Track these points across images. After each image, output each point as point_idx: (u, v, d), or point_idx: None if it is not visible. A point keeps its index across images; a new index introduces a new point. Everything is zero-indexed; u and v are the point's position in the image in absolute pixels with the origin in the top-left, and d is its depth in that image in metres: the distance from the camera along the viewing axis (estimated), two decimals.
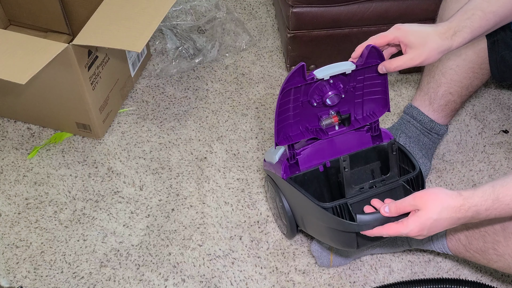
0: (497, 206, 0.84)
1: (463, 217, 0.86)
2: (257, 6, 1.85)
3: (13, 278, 1.21)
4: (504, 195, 0.84)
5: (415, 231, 0.88)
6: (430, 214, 0.87)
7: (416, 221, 0.88)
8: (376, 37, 1.00)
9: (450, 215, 0.86)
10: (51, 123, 1.48)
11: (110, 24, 1.25)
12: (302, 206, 1.10)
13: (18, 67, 1.15)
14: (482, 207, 0.85)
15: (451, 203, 0.86)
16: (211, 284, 1.20)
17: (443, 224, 0.88)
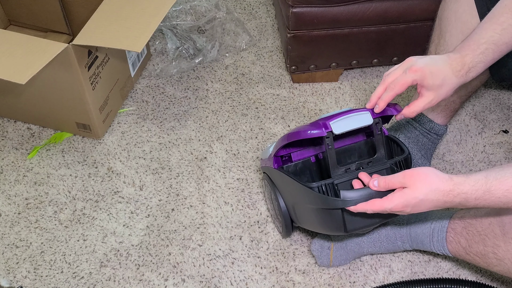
0: (487, 198, 0.84)
1: (450, 201, 0.86)
2: (257, 6, 1.85)
3: (13, 278, 1.21)
4: (496, 188, 0.83)
5: (398, 207, 0.88)
6: (417, 194, 0.87)
7: (402, 197, 0.88)
8: (395, 86, 0.99)
9: (437, 198, 0.86)
10: (51, 123, 1.48)
11: (110, 24, 1.25)
12: (291, 193, 1.11)
13: (18, 67, 1.15)
14: (471, 195, 0.84)
15: (440, 187, 0.86)
16: (211, 284, 1.20)
17: (428, 205, 0.87)
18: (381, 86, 1.01)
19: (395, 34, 1.49)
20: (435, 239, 1.10)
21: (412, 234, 1.14)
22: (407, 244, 1.17)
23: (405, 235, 1.15)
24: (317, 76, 1.59)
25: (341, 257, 1.20)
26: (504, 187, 0.83)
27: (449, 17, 1.22)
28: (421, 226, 1.13)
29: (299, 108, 1.54)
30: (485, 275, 1.20)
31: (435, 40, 1.28)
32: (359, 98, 1.56)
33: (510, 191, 0.82)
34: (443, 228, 1.09)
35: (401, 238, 1.16)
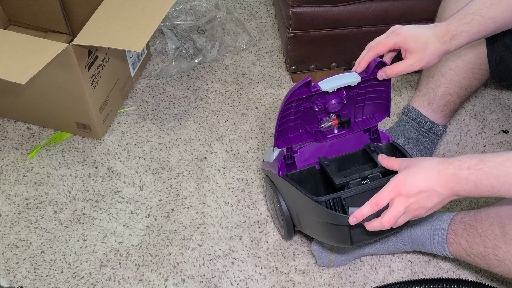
0: (480, 168, 0.83)
1: (444, 169, 0.85)
2: (257, 6, 1.85)
3: (13, 278, 1.21)
4: (489, 159, 0.83)
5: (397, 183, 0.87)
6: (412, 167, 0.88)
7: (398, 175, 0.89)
8: (376, 46, 1.00)
9: (431, 166, 0.86)
10: (51, 123, 1.48)
11: (110, 24, 1.25)
12: (297, 202, 1.11)
13: (18, 67, 1.15)
14: (465, 164, 0.84)
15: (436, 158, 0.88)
16: (211, 284, 1.20)
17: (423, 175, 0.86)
18: (365, 50, 1.02)
19: None
20: (436, 241, 1.10)
21: (413, 236, 1.14)
22: (408, 246, 1.17)
23: (406, 237, 1.15)
24: (317, 76, 1.59)
25: (342, 258, 1.20)
26: (497, 160, 0.83)
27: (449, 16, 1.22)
28: (421, 228, 1.13)
29: None
30: (485, 275, 1.20)
31: None
32: None
33: (503, 164, 0.82)
34: (444, 230, 1.09)
35: (401, 239, 1.16)
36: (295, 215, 1.15)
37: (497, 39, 1.19)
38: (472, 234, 1.02)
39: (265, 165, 1.22)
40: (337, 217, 0.99)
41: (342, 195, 1.01)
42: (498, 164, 0.82)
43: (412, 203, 0.87)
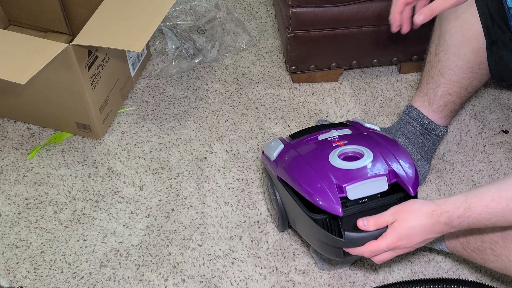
0: (469, 215, 0.87)
1: (437, 222, 0.90)
2: (257, 6, 1.85)
3: (13, 278, 1.21)
4: (475, 205, 0.86)
5: (393, 242, 0.93)
6: (405, 223, 0.92)
7: (393, 232, 0.93)
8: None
9: (423, 221, 0.90)
10: (51, 123, 1.48)
11: (110, 24, 1.25)
12: (293, 210, 1.12)
13: (18, 67, 1.15)
14: (454, 214, 0.88)
15: (423, 209, 0.91)
16: (211, 284, 1.20)
17: (418, 231, 0.91)
18: (393, 3, 1.01)
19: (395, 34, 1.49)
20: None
21: None
22: None
23: None
24: (317, 76, 1.59)
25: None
26: (483, 203, 0.86)
27: (449, 17, 1.22)
28: None
29: (299, 108, 1.54)
30: (485, 275, 1.20)
31: (435, 40, 1.28)
32: (359, 98, 1.56)
33: (489, 206, 0.85)
34: None
35: None
36: (291, 218, 1.16)
37: (496, 39, 1.19)
38: (470, 229, 1.02)
39: (264, 159, 1.22)
40: (332, 240, 1.01)
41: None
42: (484, 207, 0.86)
43: (407, 250, 0.96)
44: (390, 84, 1.60)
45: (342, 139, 1.13)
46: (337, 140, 1.12)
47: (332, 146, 1.10)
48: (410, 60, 1.57)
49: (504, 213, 0.85)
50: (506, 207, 0.84)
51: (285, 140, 1.21)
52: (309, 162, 1.07)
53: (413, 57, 1.56)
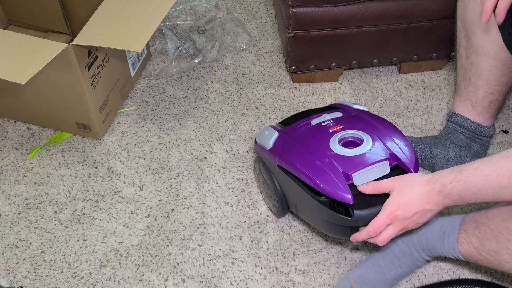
0: (460, 179, 0.90)
1: (432, 189, 0.93)
2: (257, 6, 1.85)
3: (13, 278, 1.21)
4: (466, 168, 0.90)
5: (391, 211, 0.96)
6: (403, 191, 0.96)
7: (391, 201, 0.97)
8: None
9: (420, 189, 0.94)
10: (51, 123, 1.48)
11: (110, 24, 1.25)
12: (297, 196, 1.14)
13: (18, 67, 1.15)
14: (447, 179, 0.92)
15: (421, 179, 0.95)
16: (211, 284, 1.20)
17: (415, 199, 0.94)
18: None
19: (395, 34, 1.49)
20: (446, 241, 1.08)
21: (423, 240, 1.12)
22: (423, 253, 1.13)
23: (417, 243, 1.13)
24: (317, 76, 1.59)
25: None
26: (473, 166, 0.90)
27: (471, 18, 1.20)
28: (431, 231, 1.11)
29: (299, 108, 1.54)
30: (485, 275, 1.20)
31: (463, 43, 1.25)
32: (359, 98, 1.56)
33: (478, 168, 0.89)
34: (455, 230, 1.07)
35: (414, 247, 1.13)
36: (293, 203, 1.18)
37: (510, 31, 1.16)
38: (484, 231, 1.01)
39: (258, 148, 1.24)
40: (343, 220, 1.03)
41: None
42: (474, 170, 0.89)
43: (407, 224, 0.97)
44: (390, 84, 1.60)
45: (337, 123, 1.15)
46: (332, 125, 1.15)
47: (329, 132, 1.13)
48: (410, 60, 1.57)
49: (489, 174, 0.87)
50: (492, 167, 0.87)
51: (277, 127, 1.23)
52: (312, 151, 1.10)
53: (413, 57, 1.56)
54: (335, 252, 1.25)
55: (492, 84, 1.24)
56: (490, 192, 0.88)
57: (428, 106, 1.54)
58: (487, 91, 1.25)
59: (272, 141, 1.18)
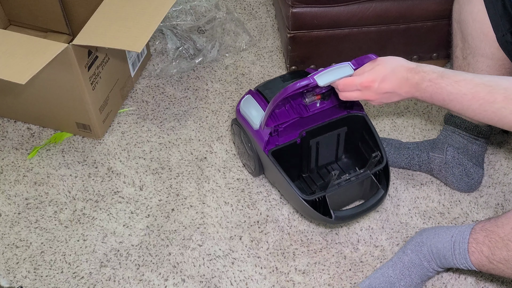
0: (438, 83, 0.93)
1: (411, 78, 0.96)
2: (257, 6, 1.85)
3: (13, 278, 1.21)
4: (448, 76, 0.93)
5: (368, 80, 1.00)
6: (385, 66, 0.99)
7: (371, 71, 1.00)
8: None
9: (401, 74, 0.97)
10: (51, 123, 1.48)
11: (110, 24, 1.25)
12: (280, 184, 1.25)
13: (18, 67, 1.15)
14: (427, 76, 0.95)
15: (406, 64, 0.98)
16: (211, 284, 1.20)
17: (392, 79, 0.98)
18: None
19: (395, 34, 1.49)
20: (457, 251, 1.07)
21: (434, 250, 1.11)
22: (433, 263, 1.12)
23: (428, 253, 1.12)
24: None
25: None
26: (454, 79, 0.92)
27: (467, 19, 1.20)
28: (441, 241, 1.10)
29: None
30: (485, 275, 1.20)
31: (459, 44, 1.25)
32: None
33: (459, 83, 0.92)
34: (465, 239, 1.06)
35: (424, 257, 1.12)
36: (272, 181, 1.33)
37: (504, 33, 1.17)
38: (495, 240, 1.00)
39: (240, 118, 1.29)
40: (323, 219, 1.17)
41: (327, 193, 1.16)
42: (454, 82, 0.92)
43: (374, 99, 1.02)
44: None
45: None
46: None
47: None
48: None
49: (465, 94, 0.91)
50: (471, 89, 0.90)
51: (260, 101, 1.26)
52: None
53: (413, 57, 1.56)
54: (335, 252, 1.25)
55: None
56: (458, 106, 0.93)
57: (428, 106, 1.54)
58: None
59: (259, 121, 1.23)
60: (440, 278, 1.20)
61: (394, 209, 1.32)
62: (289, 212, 1.31)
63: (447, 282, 1.19)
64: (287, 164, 1.22)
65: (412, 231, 1.28)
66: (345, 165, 1.36)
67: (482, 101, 0.89)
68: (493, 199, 1.33)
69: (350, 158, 1.36)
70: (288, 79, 1.31)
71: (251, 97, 1.28)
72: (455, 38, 1.27)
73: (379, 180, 1.22)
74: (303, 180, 1.33)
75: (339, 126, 1.28)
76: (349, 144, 1.32)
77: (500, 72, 1.22)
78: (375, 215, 1.31)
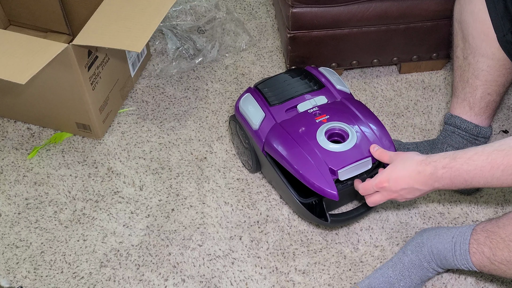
0: (452, 166, 0.93)
1: (423, 170, 0.97)
2: (257, 6, 1.85)
3: (13, 278, 1.21)
4: (460, 156, 0.93)
5: (381, 181, 1.03)
6: (396, 166, 1.02)
7: (384, 172, 1.03)
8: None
9: (411, 168, 0.99)
10: (51, 123, 1.48)
11: (110, 24, 1.25)
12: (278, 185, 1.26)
13: (18, 67, 1.15)
14: (440, 163, 0.95)
15: (416, 158, 1.00)
16: (211, 284, 1.20)
17: (404, 175, 0.99)
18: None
19: (395, 34, 1.49)
20: (458, 252, 1.07)
21: (434, 251, 1.11)
22: (433, 263, 1.12)
23: (428, 254, 1.12)
24: None
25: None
26: (466, 156, 0.92)
27: (467, 19, 1.20)
28: (442, 242, 1.10)
29: None
30: (485, 275, 1.20)
31: (460, 44, 1.26)
32: (359, 98, 1.56)
33: (471, 158, 0.91)
34: (465, 240, 1.06)
35: (424, 258, 1.12)
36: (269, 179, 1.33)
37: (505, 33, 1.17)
38: (496, 241, 1.00)
39: (239, 115, 1.29)
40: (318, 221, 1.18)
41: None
42: (467, 159, 0.92)
43: (394, 197, 1.03)
44: (390, 84, 1.60)
45: (323, 112, 1.21)
46: (318, 113, 1.21)
47: (316, 123, 1.19)
48: (410, 60, 1.57)
49: (483, 166, 0.90)
50: (486, 159, 0.90)
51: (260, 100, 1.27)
52: (300, 143, 1.16)
53: (413, 57, 1.56)
54: (335, 252, 1.25)
55: (490, 84, 1.24)
56: (482, 181, 0.91)
57: (428, 106, 1.54)
58: (485, 92, 1.25)
59: (259, 123, 1.23)
60: (440, 278, 1.20)
61: (394, 209, 1.32)
62: (289, 212, 1.31)
63: (447, 282, 1.19)
64: None
65: (412, 231, 1.28)
66: None
67: (503, 167, 0.88)
68: (493, 199, 1.33)
69: None
70: (287, 77, 1.31)
71: (251, 95, 1.28)
72: (456, 38, 1.27)
73: None
74: None
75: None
76: None
77: (501, 72, 1.22)
78: (375, 215, 1.31)
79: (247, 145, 1.30)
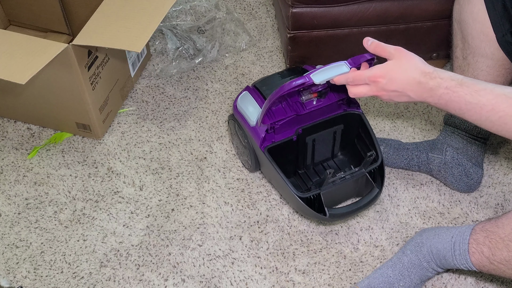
0: (456, 91, 0.89)
1: (425, 83, 0.91)
2: (257, 6, 1.85)
3: (13, 278, 1.21)
4: (468, 85, 0.88)
5: (375, 75, 0.95)
6: (398, 66, 0.94)
7: (382, 67, 0.95)
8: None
9: (414, 74, 0.92)
10: (51, 123, 1.48)
11: (110, 24, 1.25)
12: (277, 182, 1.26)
13: (18, 67, 1.15)
14: (444, 83, 0.90)
15: (422, 67, 0.92)
16: (211, 284, 1.20)
17: (403, 79, 0.92)
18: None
19: (395, 34, 1.49)
20: (457, 252, 1.07)
21: (434, 251, 1.11)
22: (433, 263, 1.12)
23: (427, 253, 1.12)
24: None
25: None
26: (475, 88, 0.88)
27: (467, 20, 1.20)
28: (441, 241, 1.10)
29: None
30: (485, 275, 1.20)
31: (459, 44, 1.26)
32: (359, 98, 1.56)
33: (479, 93, 0.87)
34: (465, 240, 1.06)
35: (424, 258, 1.12)
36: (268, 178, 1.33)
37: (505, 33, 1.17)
38: (495, 240, 1.00)
39: (237, 113, 1.29)
40: (317, 216, 1.19)
41: (321, 191, 1.17)
42: (473, 92, 0.88)
43: (382, 95, 0.96)
44: None
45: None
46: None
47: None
48: None
49: (485, 104, 0.87)
50: (491, 100, 0.86)
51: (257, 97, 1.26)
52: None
53: None
54: (335, 252, 1.25)
55: None
56: (475, 116, 0.89)
57: (428, 106, 1.54)
58: None
59: (256, 118, 1.23)
60: (440, 278, 1.20)
61: (394, 209, 1.32)
62: (289, 212, 1.31)
63: (447, 282, 1.19)
64: (283, 160, 1.23)
65: (412, 231, 1.28)
66: (341, 162, 1.36)
67: (502, 114, 0.86)
68: (493, 199, 1.34)
69: (346, 155, 1.37)
70: (285, 75, 1.32)
71: (248, 93, 1.28)
72: (455, 38, 1.27)
73: (374, 178, 1.22)
74: (299, 176, 1.33)
75: (336, 123, 1.28)
76: (345, 141, 1.33)
77: (500, 72, 1.22)
78: (375, 215, 1.31)
79: (246, 144, 1.30)
